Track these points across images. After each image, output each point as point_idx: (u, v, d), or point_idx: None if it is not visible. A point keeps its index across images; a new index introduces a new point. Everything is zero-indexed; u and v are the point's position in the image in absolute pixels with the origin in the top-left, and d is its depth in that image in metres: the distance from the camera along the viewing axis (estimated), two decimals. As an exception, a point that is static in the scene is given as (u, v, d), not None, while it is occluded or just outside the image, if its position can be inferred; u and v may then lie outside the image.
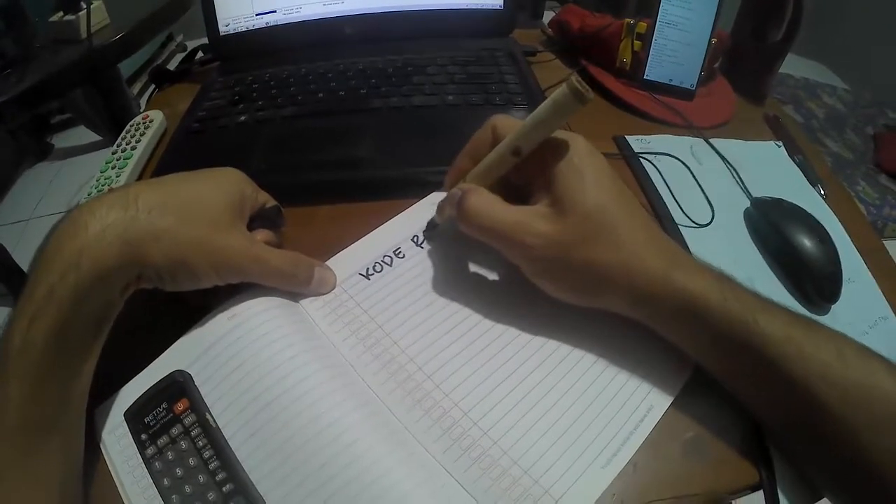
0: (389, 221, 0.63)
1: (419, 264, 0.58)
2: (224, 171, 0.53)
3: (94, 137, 2.80)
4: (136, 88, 2.93)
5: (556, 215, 0.47)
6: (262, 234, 0.54)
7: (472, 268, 0.58)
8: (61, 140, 2.99)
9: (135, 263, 0.44)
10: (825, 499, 0.46)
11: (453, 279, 0.57)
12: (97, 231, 0.42)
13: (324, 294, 0.56)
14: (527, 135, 0.48)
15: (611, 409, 0.48)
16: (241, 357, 0.47)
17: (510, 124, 0.51)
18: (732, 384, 0.48)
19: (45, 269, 0.41)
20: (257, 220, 0.55)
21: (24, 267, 1.89)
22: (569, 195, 0.47)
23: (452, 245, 0.60)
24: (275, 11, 0.92)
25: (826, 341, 0.43)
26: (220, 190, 0.51)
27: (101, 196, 0.45)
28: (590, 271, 0.47)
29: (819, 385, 0.41)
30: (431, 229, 0.60)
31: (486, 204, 0.49)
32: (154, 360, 0.50)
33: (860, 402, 0.40)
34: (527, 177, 0.51)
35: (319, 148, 0.71)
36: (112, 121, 1.57)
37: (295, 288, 0.54)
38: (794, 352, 0.42)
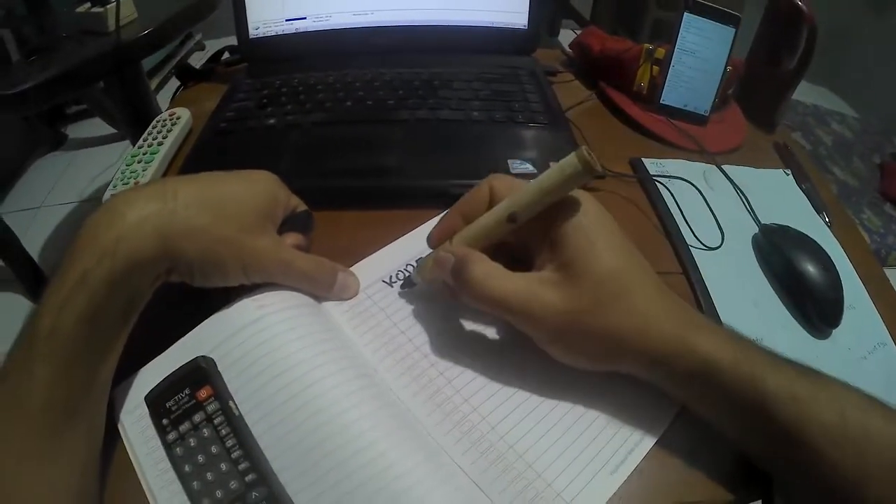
0: (413, 231, 0.65)
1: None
2: (259, 174, 0.55)
3: (108, 130, 2.81)
4: (152, 84, 2.93)
5: (565, 281, 0.46)
6: (291, 238, 0.56)
7: None
8: (75, 130, 2.99)
9: (168, 256, 0.45)
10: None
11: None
12: (135, 221, 0.44)
13: (346, 299, 0.58)
14: (526, 203, 0.47)
15: (621, 417, 0.50)
16: (268, 346, 0.48)
17: (508, 186, 0.50)
18: (739, 441, 0.48)
19: (80, 255, 0.42)
20: (288, 223, 0.56)
21: (34, 254, 1.91)
22: (579, 259, 0.45)
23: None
24: (305, 18, 0.94)
25: (829, 400, 0.42)
26: (254, 192, 0.52)
27: (138, 188, 0.47)
28: (604, 338, 0.46)
29: (820, 443, 0.41)
30: (408, 286, 0.59)
31: (490, 274, 0.47)
32: (175, 340, 0.50)
33: (856, 457, 0.41)
34: (526, 238, 0.51)
35: (347, 155, 0.73)
36: (132, 115, 1.58)
37: (317, 291, 0.56)
38: (797, 412, 0.42)
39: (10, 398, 0.41)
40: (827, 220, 0.77)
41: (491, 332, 0.55)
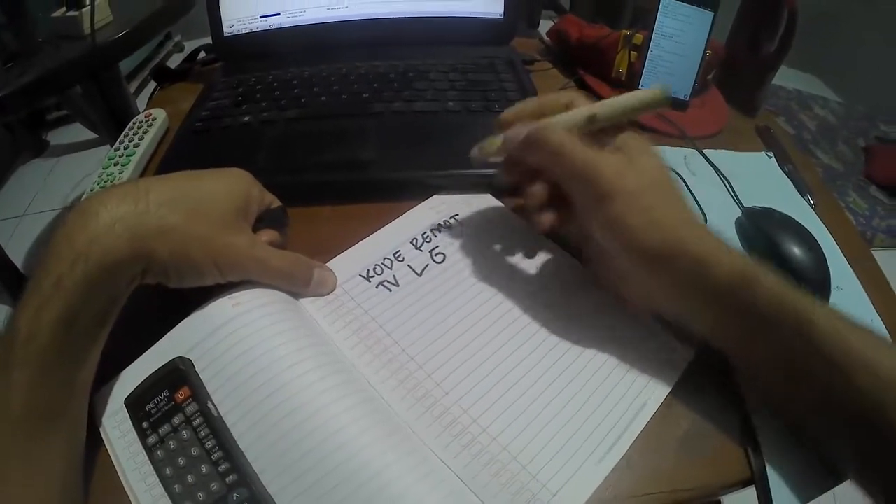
0: (389, 225, 0.65)
1: (418, 267, 0.60)
2: (232, 172, 0.55)
3: (90, 135, 2.80)
4: (132, 87, 2.93)
5: (624, 162, 0.50)
6: (266, 235, 0.56)
7: (470, 269, 0.60)
8: (57, 137, 2.98)
9: (142, 258, 0.45)
10: (818, 499, 0.47)
11: (451, 281, 0.59)
12: (107, 223, 0.43)
13: (323, 295, 0.57)
14: (608, 112, 0.54)
15: (606, 405, 0.50)
16: (245, 345, 0.48)
17: (589, 100, 0.55)
18: (765, 371, 0.48)
19: (55, 258, 0.42)
20: (263, 220, 0.56)
21: (18, 263, 1.89)
22: (634, 156, 0.51)
23: (451, 247, 0.62)
24: (279, 14, 0.93)
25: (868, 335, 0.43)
26: (227, 190, 0.52)
27: (112, 188, 0.46)
28: (649, 221, 0.48)
29: (859, 373, 0.41)
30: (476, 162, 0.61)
31: (566, 133, 0.52)
32: (154, 342, 0.50)
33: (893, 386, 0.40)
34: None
35: (322, 149, 0.72)
36: (110, 118, 1.57)
37: (294, 288, 0.56)
38: (840, 328, 0.42)
39: None
40: (812, 201, 0.76)
41: (471, 324, 0.55)
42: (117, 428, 0.47)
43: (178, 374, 0.48)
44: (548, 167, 0.53)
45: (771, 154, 0.83)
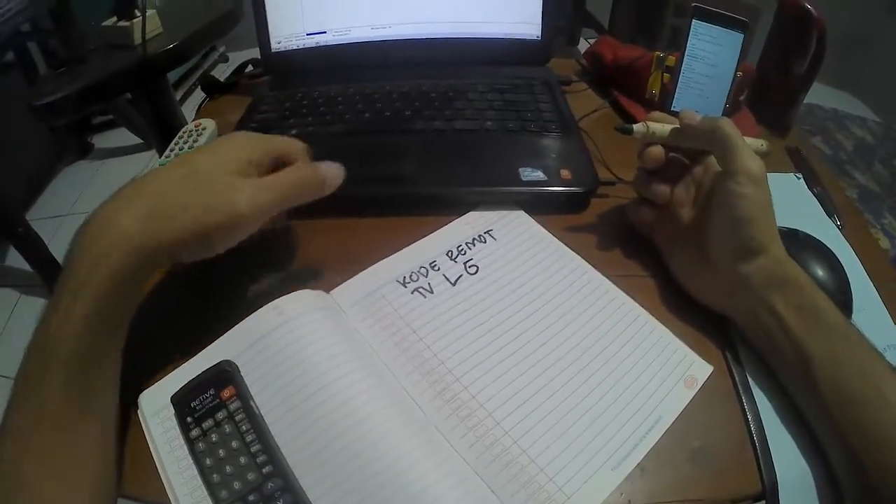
0: (426, 237, 0.68)
1: (452, 277, 0.63)
2: (226, 137, 0.58)
3: (134, 140, 2.87)
4: (177, 95, 2.99)
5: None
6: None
7: (501, 282, 0.63)
8: (101, 140, 3.06)
9: (151, 262, 0.48)
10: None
11: (483, 292, 0.62)
12: (116, 238, 0.46)
13: (336, 186, 0.59)
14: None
15: (624, 416, 0.52)
16: (286, 353, 0.52)
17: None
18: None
19: (79, 264, 0.45)
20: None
21: (60, 259, 1.94)
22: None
23: (484, 260, 0.65)
24: (325, 32, 0.96)
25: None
26: (219, 158, 0.53)
27: (118, 194, 0.50)
28: (765, 208, 0.57)
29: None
30: (624, 132, 0.65)
31: (734, 126, 0.59)
32: (197, 343, 0.55)
33: None
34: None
35: (365, 164, 0.74)
36: (157, 125, 1.60)
37: (313, 197, 0.58)
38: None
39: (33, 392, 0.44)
40: (838, 223, 0.77)
41: (501, 333, 0.58)
42: (160, 424, 0.51)
43: (225, 375, 0.52)
44: (714, 146, 0.60)
45: (800, 175, 0.85)
